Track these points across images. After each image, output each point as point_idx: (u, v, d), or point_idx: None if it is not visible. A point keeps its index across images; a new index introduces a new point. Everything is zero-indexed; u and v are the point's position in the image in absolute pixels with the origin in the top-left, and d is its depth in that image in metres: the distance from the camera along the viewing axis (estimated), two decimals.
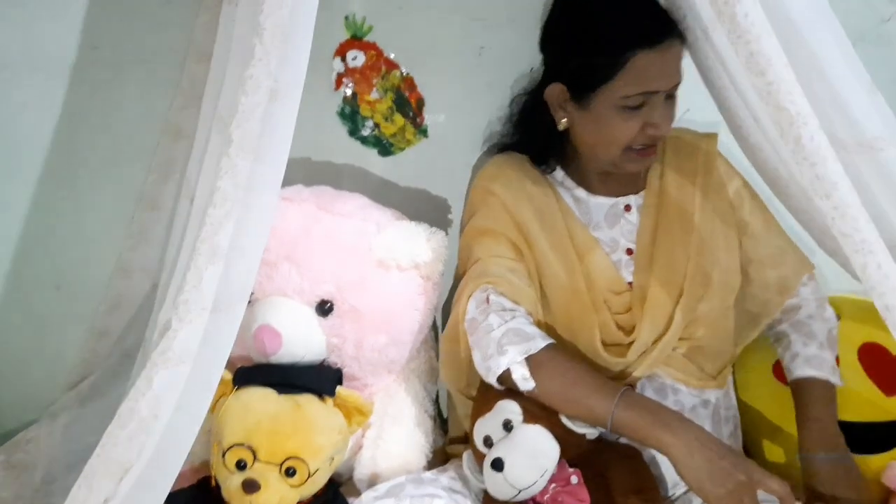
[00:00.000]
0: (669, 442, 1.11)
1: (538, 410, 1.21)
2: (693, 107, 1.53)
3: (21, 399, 1.64)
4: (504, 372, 1.22)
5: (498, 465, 1.17)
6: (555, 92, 1.33)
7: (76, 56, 1.50)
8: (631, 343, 1.30)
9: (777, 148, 1.27)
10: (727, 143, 1.42)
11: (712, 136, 1.44)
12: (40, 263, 1.60)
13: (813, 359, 1.34)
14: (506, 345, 1.22)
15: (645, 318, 1.31)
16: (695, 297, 1.32)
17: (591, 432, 1.22)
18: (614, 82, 1.25)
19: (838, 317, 1.41)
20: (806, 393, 1.33)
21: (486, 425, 1.24)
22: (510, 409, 1.22)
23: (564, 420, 1.20)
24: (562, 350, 1.25)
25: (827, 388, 1.32)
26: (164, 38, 1.48)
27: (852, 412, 1.34)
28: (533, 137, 1.44)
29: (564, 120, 1.34)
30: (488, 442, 1.22)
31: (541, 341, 1.22)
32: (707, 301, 1.33)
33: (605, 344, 1.31)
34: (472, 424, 1.27)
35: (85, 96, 1.52)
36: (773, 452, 1.41)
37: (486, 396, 1.27)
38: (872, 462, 1.31)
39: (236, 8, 1.06)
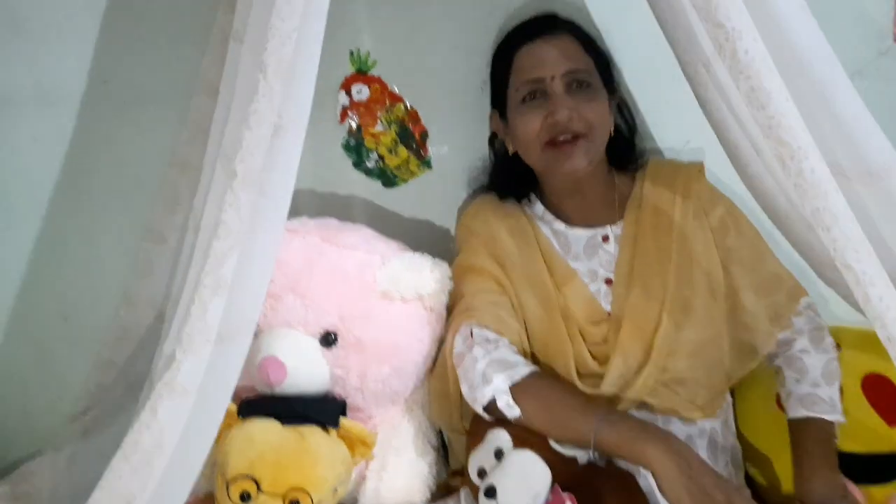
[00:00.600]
0: (652, 456, 1.11)
1: (528, 436, 1.21)
2: (693, 138, 1.55)
3: (26, 430, 1.64)
4: (490, 401, 1.23)
5: (491, 492, 1.16)
6: (493, 119, 1.50)
7: (85, 90, 1.52)
8: (605, 373, 1.31)
9: (777, 179, 1.27)
10: (725, 175, 1.43)
11: (695, 164, 1.45)
12: (48, 294, 1.61)
13: (805, 398, 1.32)
14: (490, 374, 1.24)
15: (617, 348, 1.31)
16: (674, 327, 1.31)
17: (580, 455, 1.21)
18: (510, 83, 1.40)
19: (838, 346, 1.39)
20: (800, 435, 1.32)
21: (479, 457, 1.24)
22: (500, 437, 1.22)
23: (553, 444, 1.21)
24: (545, 375, 1.27)
25: (821, 426, 1.30)
26: (172, 74, 1.50)
27: (855, 443, 1.34)
28: (505, 179, 1.50)
29: (510, 145, 1.43)
30: (482, 473, 1.22)
31: (524, 368, 1.24)
32: (689, 330, 1.32)
33: (579, 374, 1.32)
34: (467, 458, 1.27)
35: (93, 130, 1.54)
36: (776, 483, 1.40)
37: (477, 429, 1.27)
38: (876, 493, 1.30)
39: (242, 45, 1.07)
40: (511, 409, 1.22)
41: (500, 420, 1.24)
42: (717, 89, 1.25)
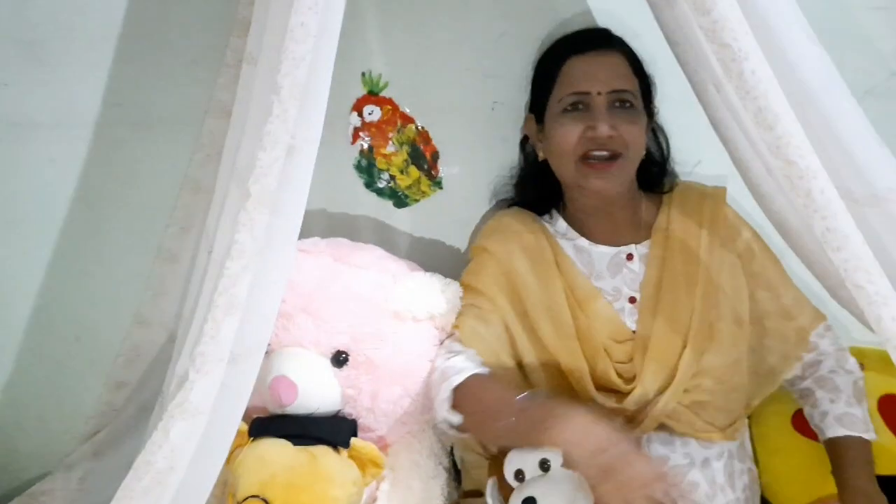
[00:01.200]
0: (559, 438, 1.10)
1: None
2: (704, 159, 1.55)
3: (38, 450, 1.64)
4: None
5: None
6: (528, 123, 1.48)
7: (100, 113, 1.54)
8: (630, 391, 1.30)
9: (789, 199, 1.27)
10: (738, 196, 1.43)
11: (720, 189, 1.45)
12: (61, 314, 1.62)
13: (843, 417, 1.32)
14: (439, 384, 1.24)
15: (646, 368, 1.31)
16: (699, 350, 1.31)
17: None
18: (554, 91, 1.39)
19: (862, 366, 1.38)
20: (841, 455, 1.31)
21: (522, 459, 1.19)
22: (551, 448, 1.17)
23: None
24: (489, 377, 1.26)
25: (861, 445, 1.30)
26: (185, 97, 1.52)
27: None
28: (530, 186, 1.50)
29: (541, 151, 1.43)
30: (520, 476, 1.18)
31: (468, 372, 1.23)
32: (713, 353, 1.32)
33: (604, 391, 1.31)
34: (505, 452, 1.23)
35: (108, 152, 1.55)
36: None
37: None
38: None
39: (256, 67, 1.09)
40: (453, 416, 1.20)
41: None
42: (728, 110, 1.26)
